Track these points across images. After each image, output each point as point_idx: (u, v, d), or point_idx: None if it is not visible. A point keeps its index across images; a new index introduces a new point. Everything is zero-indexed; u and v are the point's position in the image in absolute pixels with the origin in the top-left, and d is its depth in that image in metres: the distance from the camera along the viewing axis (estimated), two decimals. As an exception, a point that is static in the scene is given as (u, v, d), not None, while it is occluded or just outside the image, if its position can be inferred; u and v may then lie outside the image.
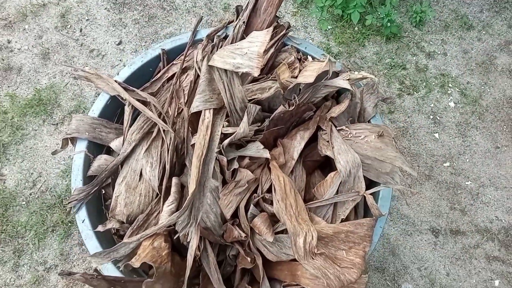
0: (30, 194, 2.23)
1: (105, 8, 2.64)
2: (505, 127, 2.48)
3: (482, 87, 2.57)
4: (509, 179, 2.37)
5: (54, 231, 2.17)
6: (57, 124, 2.36)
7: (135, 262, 1.04)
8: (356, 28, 2.67)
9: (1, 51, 2.52)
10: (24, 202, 2.21)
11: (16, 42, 2.55)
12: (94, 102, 1.44)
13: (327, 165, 1.54)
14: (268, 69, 1.49)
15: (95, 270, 1.08)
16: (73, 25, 2.59)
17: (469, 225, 2.28)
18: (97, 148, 1.43)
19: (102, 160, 1.38)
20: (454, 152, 2.42)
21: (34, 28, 2.58)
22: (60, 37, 2.56)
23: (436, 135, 2.46)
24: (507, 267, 2.21)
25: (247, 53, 1.18)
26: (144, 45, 2.56)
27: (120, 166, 1.36)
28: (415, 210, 2.30)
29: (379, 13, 2.57)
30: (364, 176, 1.33)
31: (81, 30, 2.58)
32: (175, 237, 1.25)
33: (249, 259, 1.30)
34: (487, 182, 2.37)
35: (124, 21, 2.61)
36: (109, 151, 1.46)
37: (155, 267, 1.03)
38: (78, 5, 2.64)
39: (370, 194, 1.29)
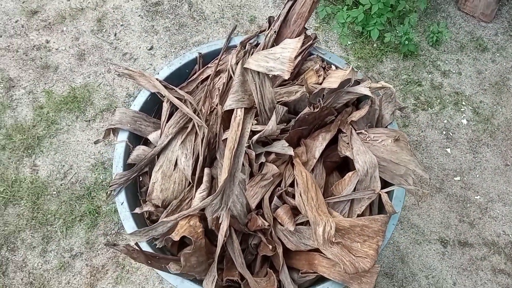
0: (61, 185, 2.37)
1: (139, 15, 2.81)
2: (515, 145, 2.58)
3: (495, 107, 2.68)
4: (517, 195, 2.46)
5: (82, 221, 2.30)
6: (89, 120, 2.51)
7: (175, 236, 1.16)
8: (375, 45, 2.80)
9: (40, 50, 2.70)
10: (55, 192, 2.35)
11: (54, 42, 2.72)
12: (131, 103, 1.58)
13: (344, 168, 1.66)
14: (295, 75, 1.62)
15: (136, 244, 1.20)
16: (108, 29, 2.76)
17: (476, 238, 2.37)
18: (136, 139, 1.57)
19: (140, 150, 1.52)
20: (465, 167, 2.52)
21: (72, 30, 2.76)
22: (95, 40, 2.73)
23: (448, 150, 2.56)
24: (513, 280, 2.28)
25: (280, 58, 1.31)
26: (173, 51, 2.71)
27: (157, 156, 1.50)
28: (425, 220, 2.39)
29: (397, 31, 2.70)
30: (379, 177, 1.44)
31: (115, 35, 2.75)
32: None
33: (270, 247, 1.41)
34: (495, 198, 2.46)
35: (156, 28, 2.78)
36: (146, 143, 1.59)
37: (193, 241, 1.15)
38: (114, 11, 2.81)
39: (385, 193, 1.40)
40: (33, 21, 2.77)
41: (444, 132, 2.61)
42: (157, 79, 1.56)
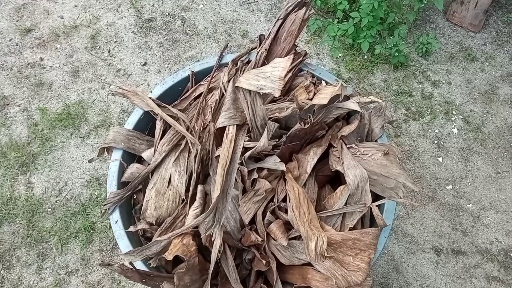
0: (56, 202, 2.38)
1: (132, 32, 2.84)
2: (505, 153, 2.61)
3: (485, 115, 2.72)
4: (509, 203, 2.49)
5: (77, 237, 2.31)
6: (83, 137, 2.53)
7: (168, 255, 1.18)
8: (365, 57, 2.84)
9: (34, 68, 2.72)
10: (50, 209, 2.36)
11: (48, 60, 2.74)
12: (125, 118, 1.60)
13: (336, 181, 1.68)
14: (286, 91, 1.65)
15: (130, 263, 1.22)
16: (102, 46, 2.79)
17: (470, 246, 2.39)
18: (130, 157, 1.58)
19: (134, 168, 1.53)
20: (456, 175, 2.55)
21: (66, 47, 2.78)
22: (89, 56, 2.76)
23: (440, 159, 2.60)
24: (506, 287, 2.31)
25: (270, 76, 1.34)
26: (167, 67, 2.74)
27: (150, 174, 1.52)
28: (418, 229, 2.42)
29: (387, 43, 2.74)
30: (370, 190, 1.47)
31: (109, 51, 2.78)
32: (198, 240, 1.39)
33: (264, 262, 1.43)
34: (488, 205, 2.49)
35: (150, 44, 2.81)
36: (140, 160, 1.61)
37: (186, 260, 1.16)
38: (107, 28, 2.85)
39: (376, 206, 1.43)
40: (27, 39, 2.79)
41: (435, 142, 2.64)
42: (150, 97, 1.59)
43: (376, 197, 1.50)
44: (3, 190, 2.37)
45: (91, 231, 2.32)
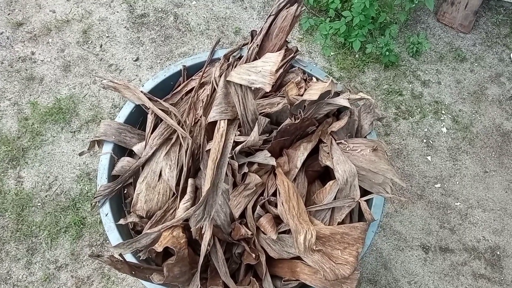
0: (46, 196, 2.37)
1: (125, 27, 2.84)
2: (493, 153, 2.65)
3: (473, 115, 2.75)
4: (496, 201, 2.52)
5: (67, 232, 2.31)
6: (74, 132, 2.52)
7: (158, 247, 1.19)
8: (357, 56, 2.86)
9: (25, 62, 2.70)
10: (39, 204, 2.36)
11: (39, 54, 2.73)
12: (116, 113, 1.60)
13: (326, 177, 1.70)
14: (277, 87, 1.66)
15: (120, 255, 1.22)
16: (94, 41, 2.78)
17: (457, 244, 2.42)
18: (120, 150, 1.59)
19: (125, 162, 1.54)
20: (445, 174, 2.58)
21: (57, 42, 2.77)
22: (81, 51, 2.75)
23: (429, 157, 2.63)
24: (493, 285, 2.34)
25: (261, 71, 1.35)
26: (159, 63, 2.74)
27: (141, 167, 1.52)
28: (407, 227, 2.44)
29: (378, 42, 2.77)
30: (359, 186, 1.48)
31: (101, 46, 2.77)
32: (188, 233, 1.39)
33: (253, 255, 1.44)
34: (475, 204, 2.52)
35: (142, 40, 2.81)
36: (131, 154, 1.61)
37: (176, 251, 1.17)
38: (99, 23, 2.84)
39: (364, 201, 1.45)
40: (19, 33, 2.78)
41: (424, 140, 2.67)
42: (141, 91, 1.59)
43: (364, 192, 1.52)
44: (-8, 184, 2.37)
45: (81, 226, 2.32)
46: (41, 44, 2.76)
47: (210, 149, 1.44)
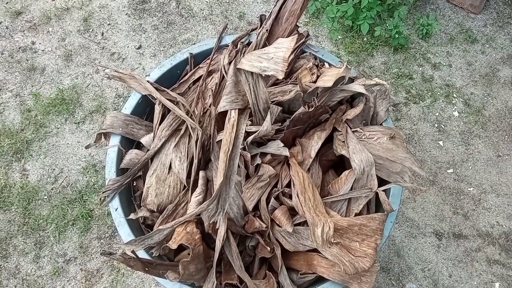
0: (52, 189, 2.33)
1: (126, 14, 2.77)
2: (506, 136, 2.59)
3: (485, 98, 2.69)
4: (509, 186, 2.47)
5: (74, 225, 2.27)
6: (78, 123, 2.47)
7: (172, 244, 1.15)
8: (365, 39, 2.79)
9: (26, 52, 2.64)
10: (46, 197, 2.32)
11: (40, 43, 2.67)
12: (120, 103, 1.55)
13: (340, 165, 1.65)
14: (288, 73, 1.60)
15: (132, 252, 1.18)
16: (95, 29, 2.71)
17: (471, 230, 2.38)
18: (128, 142, 1.54)
19: (133, 154, 1.49)
20: (457, 159, 2.53)
21: (58, 30, 2.70)
22: (82, 40, 2.68)
23: (441, 142, 2.57)
24: (507, 271, 2.30)
25: (273, 57, 1.29)
26: (162, 50, 2.68)
27: (150, 160, 1.47)
28: (419, 213, 2.40)
29: (387, 25, 2.69)
30: (376, 175, 1.43)
31: (102, 34, 2.70)
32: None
33: (268, 248, 1.40)
34: (488, 189, 2.47)
35: (144, 27, 2.74)
36: (139, 146, 1.56)
37: (191, 249, 1.13)
38: (100, 10, 2.77)
39: (382, 191, 1.40)
40: (18, 22, 2.71)
41: (436, 125, 2.61)
42: (148, 81, 1.53)
43: (381, 181, 1.47)
44: (-3, 178, 2.32)
45: (89, 218, 2.28)
46: (41, 33, 2.69)
47: (221, 140, 1.39)
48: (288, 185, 1.43)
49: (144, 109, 1.60)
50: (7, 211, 2.26)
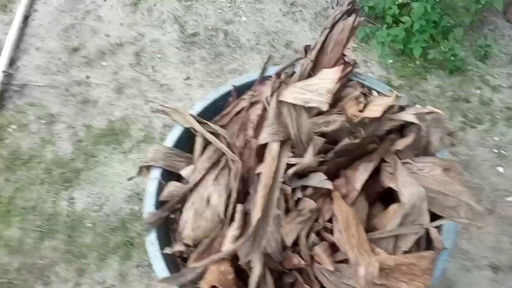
0: (97, 217, 2.37)
1: (176, 47, 2.84)
2: None
3: (550, 122, 2.48)
4: None
5: (115, 253, 2.28)
6: (126, 152, 2.52)
7: (205, 286, 1.10)
8: (417, 62, 2.68)
9: (81, 85, 2.76)
10: (90, 225, 2.35)
11: (94, 77, 2.78)
12: (167, 133, 1.55)
13: (388, 196, 1.54)
14: (333, 103, 1.54)
15: None
16: (146, 62, 2.80)
17: (532, 263, 2.16)
18: (168, 174, 1.53)
19: (173, 187, 1.48)
20: (519, 187, 2.33)
21: (111, 64, 2.81)
22: (133, 73, 2.77)
23: (500, 169, 2.39)
24: None
25: (317, 89, 1.24)
26: (210, 80, 2.71)
27: (189, 191, 1.45)
28: (475, 245, 2.22)
29: (442, 47, 2.57)
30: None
31: (153, 67, 2.78)
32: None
33: (307, 287, 1.32)
34: (552, 219, 2.25)
35: (192, 58, 2.79)
36: (179, 177, 1.55)
37: (224, 290, 1.08)
38: (151, 44, 2.86)
39: (434, 228, 1.29)
40: (75, 58, 2.85)
41: (495, 150, 2.44)
42: (190, 114, 1.54)
43: (433, 215, 1.36)
44: (45, 206, 2.39)
45: (130, 246, 2.29)
46: (96, 68, 2.81)
47: (260, 172, 1.34)
48: (330, 219, 1.35)
49: (187, 141, 1.60)
50: (52, 238, 2.32)
